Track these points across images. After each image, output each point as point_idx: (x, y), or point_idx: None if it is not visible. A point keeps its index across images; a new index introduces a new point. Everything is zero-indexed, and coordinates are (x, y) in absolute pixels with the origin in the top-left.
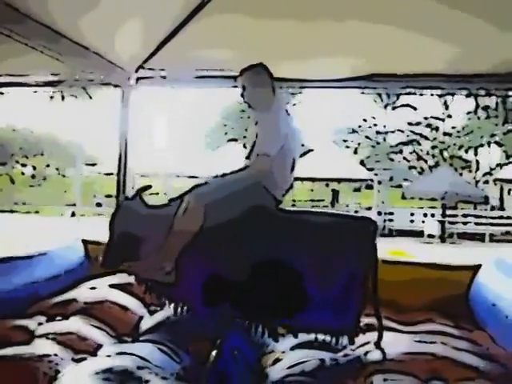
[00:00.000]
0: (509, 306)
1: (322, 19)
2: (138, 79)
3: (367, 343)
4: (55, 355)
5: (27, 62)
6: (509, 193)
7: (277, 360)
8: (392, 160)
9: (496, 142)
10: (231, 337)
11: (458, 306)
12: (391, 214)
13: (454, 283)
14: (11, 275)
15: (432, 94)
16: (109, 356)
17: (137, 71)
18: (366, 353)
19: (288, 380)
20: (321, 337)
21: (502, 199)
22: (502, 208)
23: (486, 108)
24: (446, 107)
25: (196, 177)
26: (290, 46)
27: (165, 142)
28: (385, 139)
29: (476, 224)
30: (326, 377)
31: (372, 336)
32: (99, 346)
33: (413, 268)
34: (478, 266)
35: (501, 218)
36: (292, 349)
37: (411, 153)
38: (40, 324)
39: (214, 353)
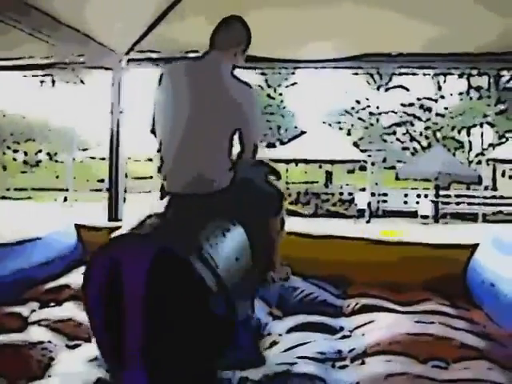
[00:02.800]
0: (507, 284)
1: None
2: (129, 61)
3: (365, 324)
4: (49, 342)
5: (16, 45)
6: (503, 174)
7: (274, 343)
8: (385, 141)
9: (488, 123)
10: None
11: (454, 286)
12: (385, 195)
13: (450, 262)
14: (3, 261)
15: (424, 74)
16: None
17: (128, 53)
18: (364, 334)
19: (287, 362)
20: (317, 319)
21: (494, 179)
22: (494, 188)
23: (478, 88)
24: (439, 88)
25: None
26: (283, 25)
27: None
28: (378, 120)
29: (469, 204)
30: (323, 359)
31: (369, 317)
32: None
33: (408, 248)
34: (475, 245)
35: (493, 197)
36: (288, 332)
37: (404, 134)
38: (33, 311)
39: None
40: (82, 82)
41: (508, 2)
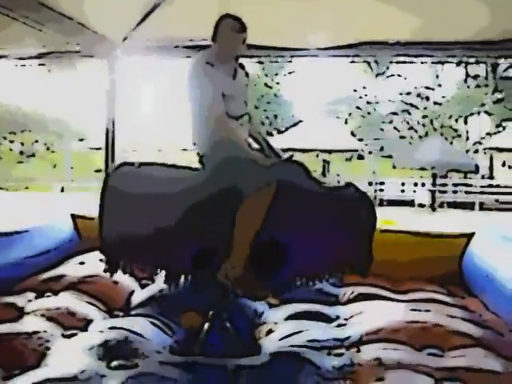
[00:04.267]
0: (503, 273)
1: None
2: (124, 50)
3: (361, 312)
4: (45, 332)
5: (10, 34)
6: (503, 164)
7: (269, 331)
8: (383, 130)
9: (486, 112)
10: (223, 309)
11: (450, 274)
12: (382, 183)
13: (447, 251)
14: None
15: (422, 63)
16: (100, 331)
17: (123, 42)
18: (359, 322)
19: (282, 351)
20: (313, 307)
21: (491, 168)
22: (491, 177)
23: (475, 77)
24: (436, 76)
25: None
26: (279, 13)
27: (153, 113)
28: (375, 109)
29: (466, 193)
30: (319, 347)
31: (365, 305)
32: (90, 322)
33: (405, 237)
34: (471, 234)
35: (490, 186)
36: (284, 320)
37: (402, 122)
38: (29, 301)
39: (206, 325)
40: (77, 71)
41: None
